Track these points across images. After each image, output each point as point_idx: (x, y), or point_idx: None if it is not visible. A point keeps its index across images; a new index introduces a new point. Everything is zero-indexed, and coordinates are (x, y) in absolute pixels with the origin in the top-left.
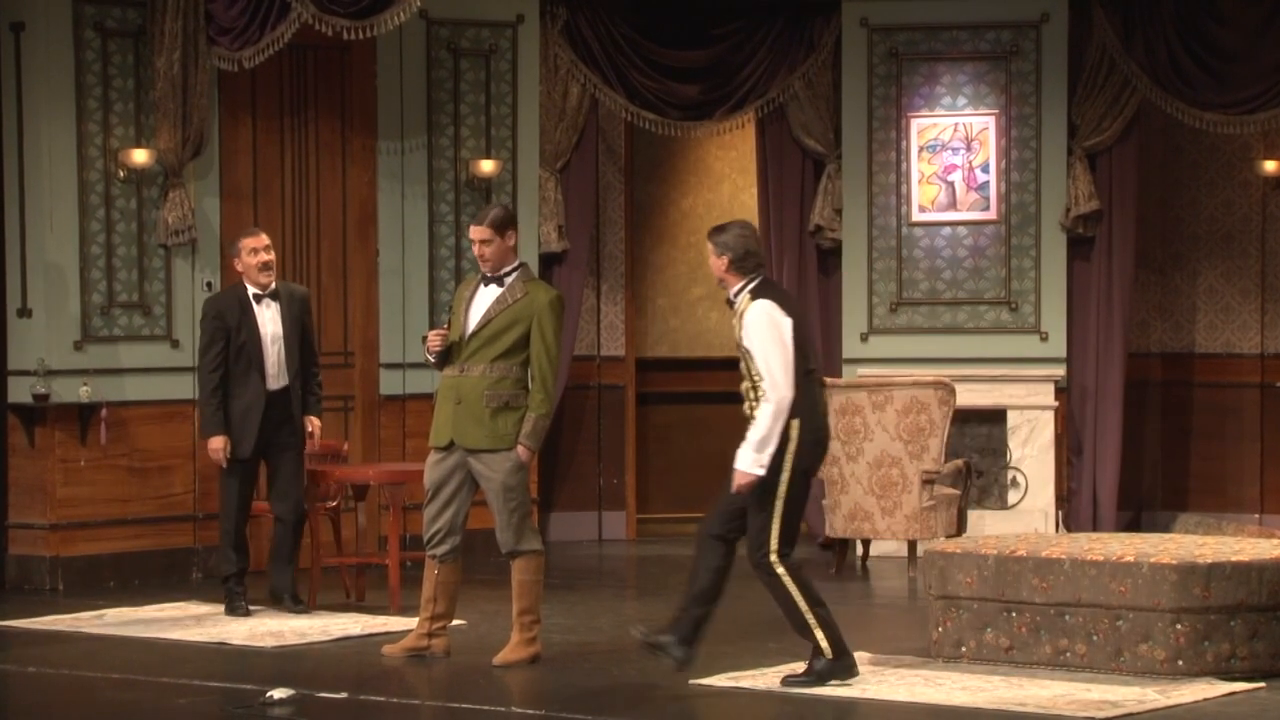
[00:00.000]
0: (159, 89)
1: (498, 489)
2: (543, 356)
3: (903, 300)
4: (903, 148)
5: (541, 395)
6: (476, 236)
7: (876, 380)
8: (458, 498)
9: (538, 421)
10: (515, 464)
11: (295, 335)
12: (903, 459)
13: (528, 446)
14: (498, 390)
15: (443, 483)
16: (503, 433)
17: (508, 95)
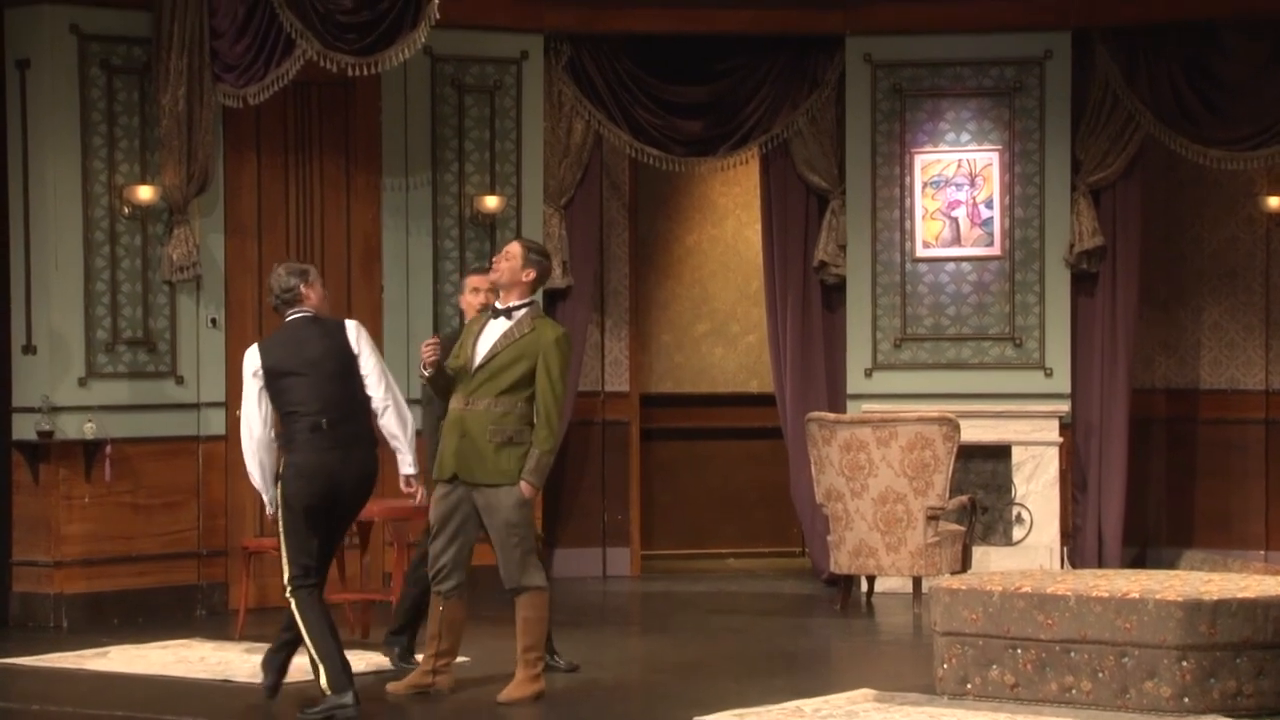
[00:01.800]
0: (164, 126)
1: (501, 525)
2: (547, 393)
3: (907, 336)
4: (906, 183)
5: (545, 432)
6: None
7: (881, 416)
8: (463, 533)
9: (541, 458)
10: (518, 500)
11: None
12: (907, 495)
13: (531, 483)
14: (502, 425)
15: (448, 517)
16: (506, 468)
17: (512, 131)
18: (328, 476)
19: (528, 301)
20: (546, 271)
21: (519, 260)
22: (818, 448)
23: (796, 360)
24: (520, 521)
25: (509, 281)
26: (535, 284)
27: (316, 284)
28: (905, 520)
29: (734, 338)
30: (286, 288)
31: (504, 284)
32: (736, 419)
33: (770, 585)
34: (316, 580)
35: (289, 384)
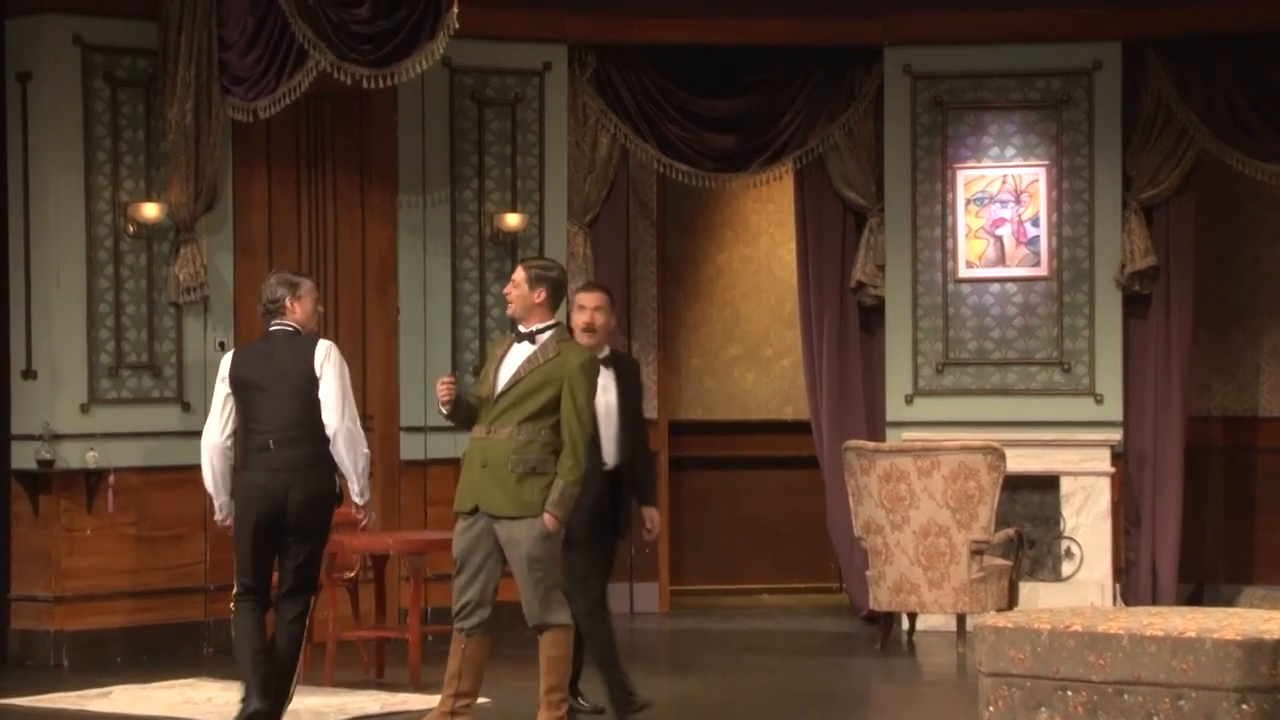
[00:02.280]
0: (170, 141)
1: (523, 559)
2: (574, 421)
3: (949, 360)
4: (948, 200)
5: (571, 462)
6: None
7: (922, 445)
8: (487, 567)
9: (566, 489)
10: (541, 533)
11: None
12: (950, 528)
13: (554, 515)
14: (524, 454)
15: (471, 551)
16: (528, 500)
17: (534, 146)
18: (270, 499)
19: (551, 324)
20: (559, 283)
21: (524, 284)
22: (856, 478)
23: (833, 386)
24: (543, 556)
25: (523, 310)
26: (552, 301)
27: (306, 299)
28: (948, 554)
29: (767, 362)
30: (273, 298)
31: (519, 314)
32: (770, 447)
33: (806, 623)
34: (254, 598)
35: (250, 398)
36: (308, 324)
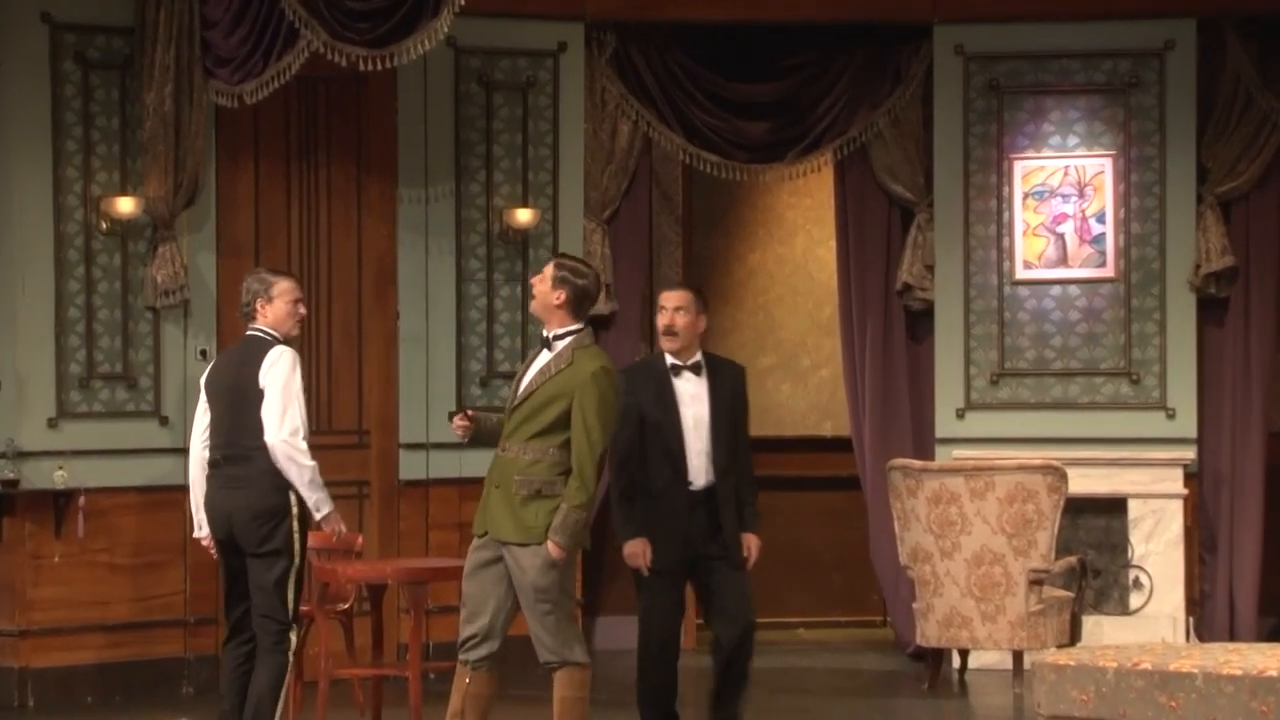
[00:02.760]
0: (148, 128)
1: (528, 588)
2: (581, 440)
3: (1005, 371)
4: (1004, 194)
5: (576, 484)
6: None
7: (975, 464)
8: (496, 595)
9: (569, 515)
10: (545, 561)
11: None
12: (1006, 555)
13: (557, 543)
14: (529, 475)
15: (480, 577)
16: (531, 524)
17: (548, 135)
18: (222, 519)
19: (572, 330)
20: (583, 292)
21: (547, 281)
22: (902, 500)
23: (877, 399)
24: (549, 586)
25: (541, 309)
26: (572, 307)
27: (279, 301)
28: (1004, 585)
29: (804, 373)
30: (246, 300)
31: (539, 315)
32: (807, 467)
33: (847, 660)
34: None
35: (211, 409)
36: (283, 328)
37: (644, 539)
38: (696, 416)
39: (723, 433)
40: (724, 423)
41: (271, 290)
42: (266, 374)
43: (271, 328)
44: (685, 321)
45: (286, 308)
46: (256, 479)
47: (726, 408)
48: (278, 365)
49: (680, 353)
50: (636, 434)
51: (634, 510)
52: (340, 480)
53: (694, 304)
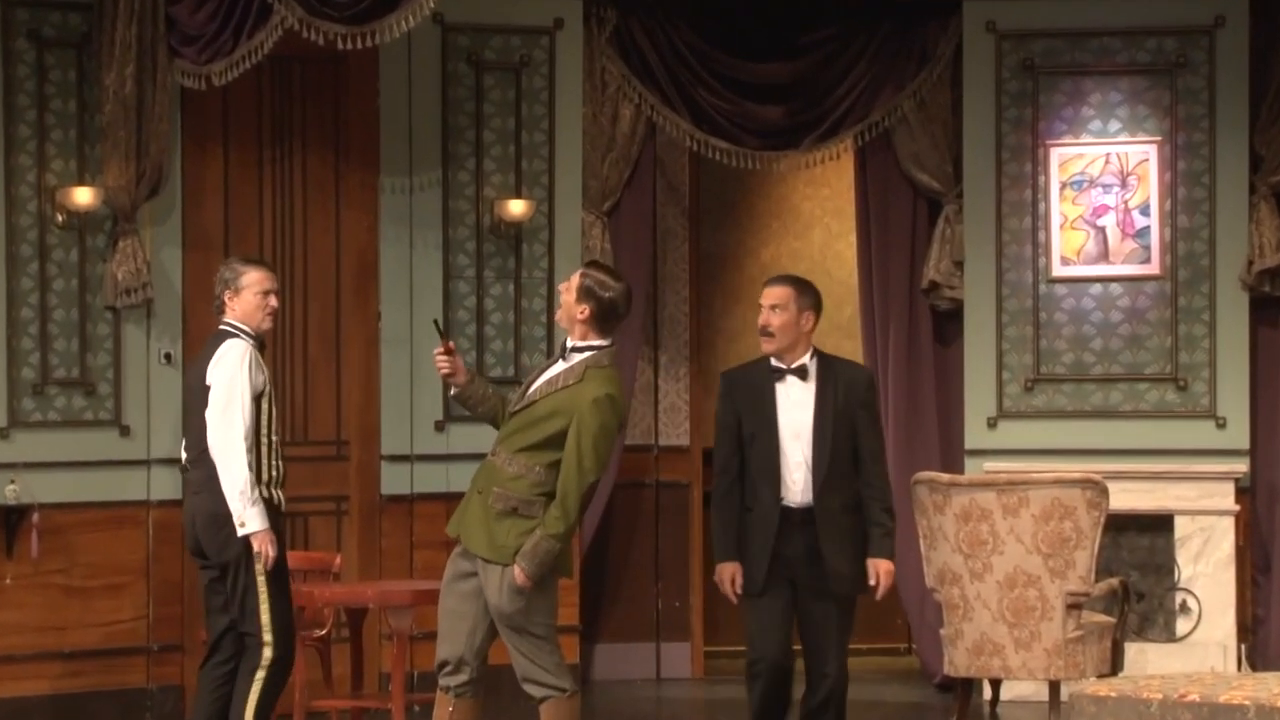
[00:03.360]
0: (108, 112)
1: (494, 610)
2: (571, 466)
3: (1041, 376)
4: (1040, 184)
5: (556, 513)
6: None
7: (1008, 478)
8: (472, 613)
9: (541, 542)
10: (510, 585)
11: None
12: (1042, 577)
13: (523, 569)
14: (509, 489)
15: (454, 591)
16: (501, 543)
17: (543, 119)
18: (188, 526)
19: (593, 346)
20: (610, 306)
21: (573, 292)
22: (928, 517)
23: (901, 406)
24: (514, 613)
25: (565, 319)
26: (596, 323)
27: (247, 293)
28: (1039, 609)
29: None
30: (216, 292)
31: (562, 323)
32: None
33: (869, 691)
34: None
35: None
36: (252, 322)
37: (734, 562)
38: (797, 425)
39: (828, 444)
40: (830, 433)
41: (240, 280)
42: (213, 369)
43: (240, 322)
44: (782, 320)
45: (255, 300)
46: (211, 483)
47: (836, 415)
48: (224, 359)
49: (782, 355)
50: (734, 445)
51: (727, 529)
52: (317, 495)
53: (794, 300)
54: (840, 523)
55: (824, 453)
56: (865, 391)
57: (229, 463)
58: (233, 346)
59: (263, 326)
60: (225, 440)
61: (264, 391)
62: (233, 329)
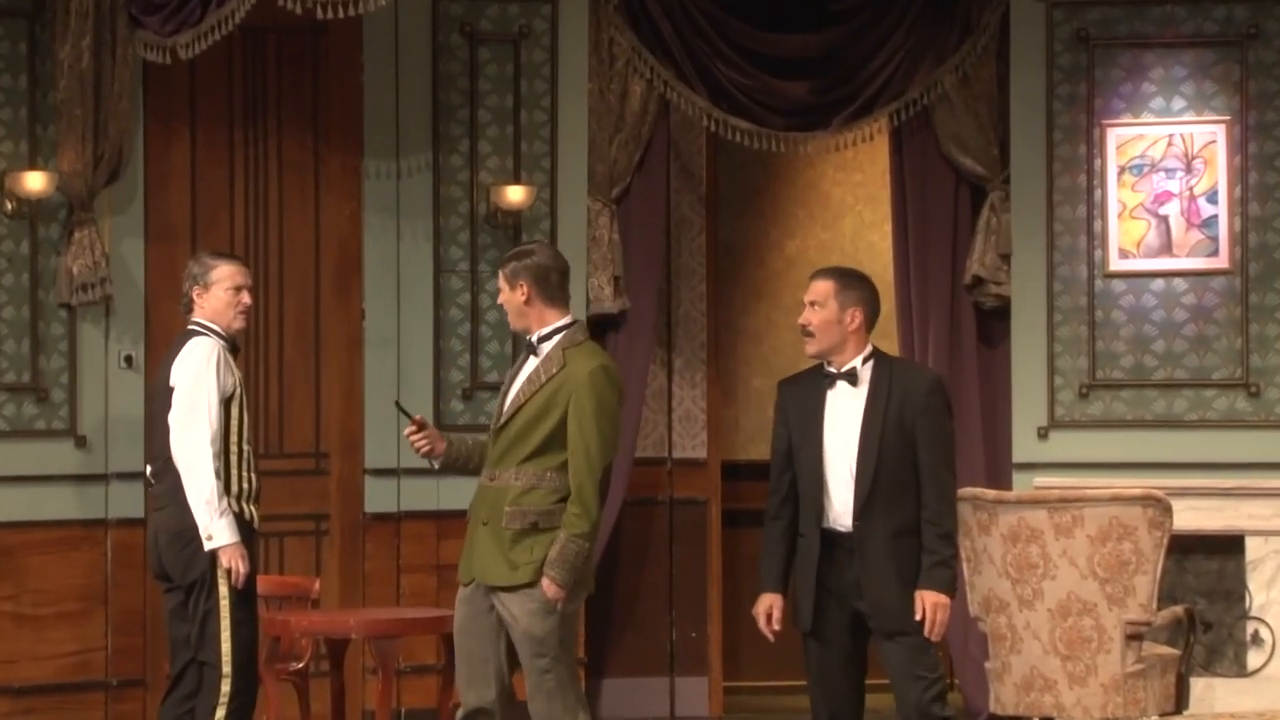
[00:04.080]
0: (62, 89)
1: (522, 641)
2: (579, 455)
3: (1097, 381)
4: (1096, 169)
5: (576, 509)
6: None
7: (1060, 494)
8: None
9: (568, 544)
10: (541, 606)
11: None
12: (1098, 605)
13: (553, 579)
14: (523, 505)
15: (470, 634)
16: (523, 562)
17: (544, 97)
18: (150, 544)
19: (558, 326)
20: (543, 270)
21: (504, 287)
22: (972, 539)
23: None
24: (546, 636)
25: (515, 315)
26: (544, 295)
27: (217, 289)
28: (1095, 640)
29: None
30: (185, 289)
31: (515, 324)
32: None
33: None
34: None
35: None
36: (223, 320)
37: (774, 593)
38: (843, 438)
39: (873, 459)
40: (878, 446)
41: (209, 275)
42: (177, 369)
43: (210, 321)
44: (822, 319)
45: (226, 296)
46: (173, 495)
47: (887, 427)
48: (189, 358)
49: (830, 358)
50: (784, 461)
51: (769, 555)
52: (293, 513)
53: (835, 295)
54: (889, 550)
55: (868, 469)
56: (925, 397)
57: (193, 469)
58: (199, 344)
59: (234, 326)
60: (189, 445)
61: (234, 395)
62: (201, 328)
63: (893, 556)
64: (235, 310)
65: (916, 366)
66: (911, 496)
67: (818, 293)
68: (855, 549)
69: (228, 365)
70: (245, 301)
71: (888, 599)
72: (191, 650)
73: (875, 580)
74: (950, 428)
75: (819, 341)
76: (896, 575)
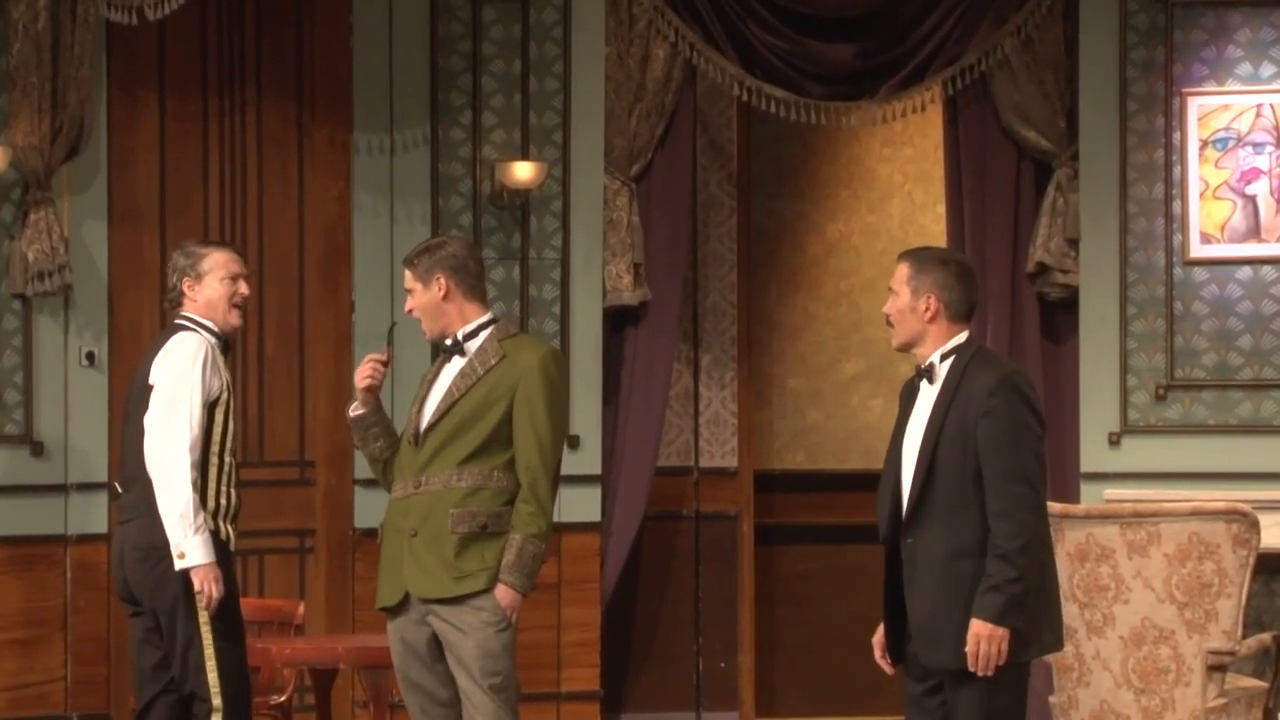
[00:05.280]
0: (16, 53)
1: (472, 660)
2: (530, 447)
3: (1175, 382)
4: (1175, 143)
5: (531, 507)
6: (405, 285)
7: (1134, 508)
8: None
9: (525, 546)
10: (494, 617)
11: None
12: (1176, 632)
13: (511, 585)
14: (470, 506)
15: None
16: (472, 570)
17: (555, 62)
18: (115, 563)
19: (485, 322)
20: (457, 262)
21: (416, 287)
22: None
23: None
24: (500, 652)
25: (433, 316)
26: (462, 288)
27: (212, 278)
28: (1173, 671)
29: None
30: (171, 283)
31: (433, 330)
32: None
33: None
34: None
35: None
36: (217, 315)
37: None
38: (913, 446)
39: (923, 469)
40: (931, 453)
41: (201, 265)
42: (159, 366)
43: (202, 316)
44: (897, 307)
45: (221, 287)
46: (143, 506)
47: (945, 431)
48: (173, 354)
49: (914, 352)
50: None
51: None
52: (275, 529)
53: (909, 280)
54: (942, 572)
55: (917, 480)
56: (986, 398)
57: (167, 478)
58: (185, 340)
59: (230, 321)
60: (164, 450)
61: (220, 399)
62: (190, 323)
63: (945, 580)
64: (230, 303)
65: (992, 362)
66: (974, 512)
67: (895, 277)
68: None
69: (215, 366)
70: (243, 292)
71: (932, 628)
72: (160, 685)
73: (918, 605)
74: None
75: (897, 333)
76: (948, 601)
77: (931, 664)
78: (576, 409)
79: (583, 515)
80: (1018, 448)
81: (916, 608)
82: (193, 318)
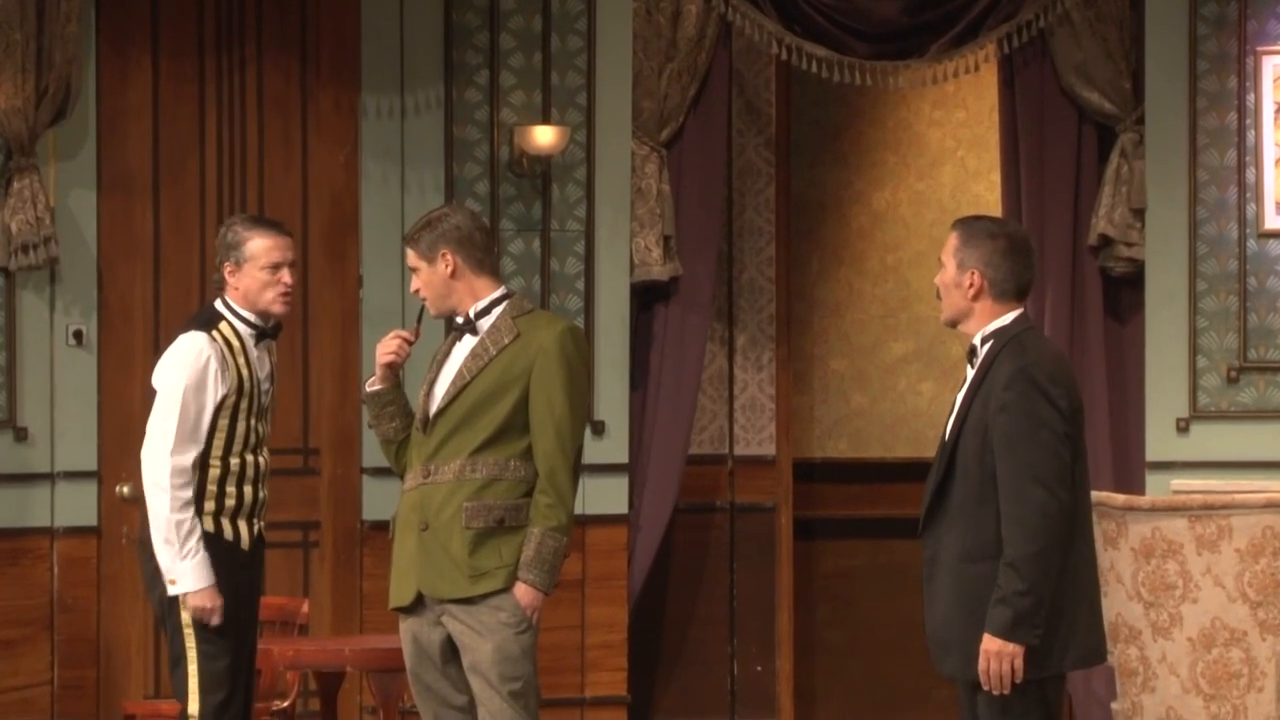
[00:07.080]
0: None
1: (489, 665)
2: (548, 433)
3: (1248, 364)
4: (1248, 107)
5: (550, 499)
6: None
7: (1204, 499)
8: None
9: (545, 540)
10: (515, 617)
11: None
12: (1249, 633)
13: (532, 583)
14: (485, 499)
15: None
16: (490, 568)
17: (580, 18)
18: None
19: (498, 297)
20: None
21: (421, 265)
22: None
23: None
24: (521, 655)
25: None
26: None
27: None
28: (1245, 676)
29: (953, 366)
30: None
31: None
32: None
33: None
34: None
35: None
36: (258, 304)
37: None
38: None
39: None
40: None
41: (242, 250)
42: (157, 372)
43: (241, 305)
44: (943, 280)
45: (261, 276)
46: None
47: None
48: (170, 360)
49: (959, 329)
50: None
51: None
52: (278, 521)
53: (956, 252)
54: (954, 576)
55: (934, 476)
56: (1003, 390)
57: (151, 499)
58: (186, 342)
59: (272, 310)
60: (151, 464)
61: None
62: (225, 311)
63: (958, 584)
64: (274, 293)
65: (1022, 350)
66: (992, 513)
67: (945, 247)
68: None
69: (223, 367)
70: (286, 281)
71: (944, 635)
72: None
73: (933, 610)
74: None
75: (944, 307)
76: (958, 607)
77: (943, 672)
78: (602, 393)
79: (609, 507)
80: (1032, 446)
81: (931, 612)
82: (230, 303)
